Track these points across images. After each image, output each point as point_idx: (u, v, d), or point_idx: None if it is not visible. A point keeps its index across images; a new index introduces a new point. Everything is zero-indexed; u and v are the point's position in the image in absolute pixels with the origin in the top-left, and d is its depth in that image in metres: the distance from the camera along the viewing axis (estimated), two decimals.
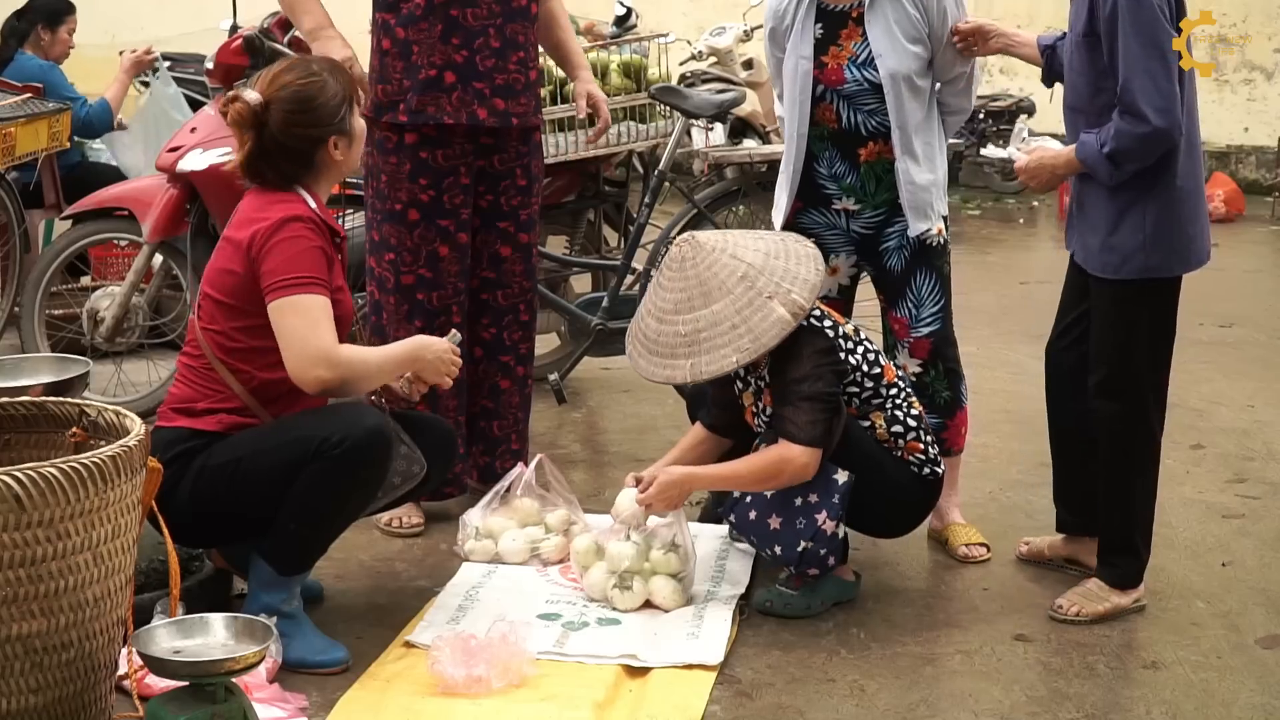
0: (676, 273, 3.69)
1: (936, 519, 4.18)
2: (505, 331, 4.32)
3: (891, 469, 3.73)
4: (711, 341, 3.60)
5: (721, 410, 3.93)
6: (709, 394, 3.97)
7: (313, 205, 3.42)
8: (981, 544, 4.16)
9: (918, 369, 4.15)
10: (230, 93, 3.52)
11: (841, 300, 4.23)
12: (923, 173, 4.01)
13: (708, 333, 3.61)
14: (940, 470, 3.83)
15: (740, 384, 3.85)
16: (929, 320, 4.13)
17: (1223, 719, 3.23)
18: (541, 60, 5.19)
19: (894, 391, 3.76)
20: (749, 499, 3.69)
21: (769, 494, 3.64)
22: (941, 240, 4.12)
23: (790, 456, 3.55)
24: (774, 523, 3.65)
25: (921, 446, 3.77)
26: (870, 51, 3.95)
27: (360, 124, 3.54)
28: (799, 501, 3.61)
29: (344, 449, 3.25)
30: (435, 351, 3.51)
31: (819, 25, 4.00)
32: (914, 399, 3.84)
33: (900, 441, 3.75)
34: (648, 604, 3.67)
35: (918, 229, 4.04)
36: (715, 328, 3.61)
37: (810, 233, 4.10)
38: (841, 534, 3.64)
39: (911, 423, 3.77)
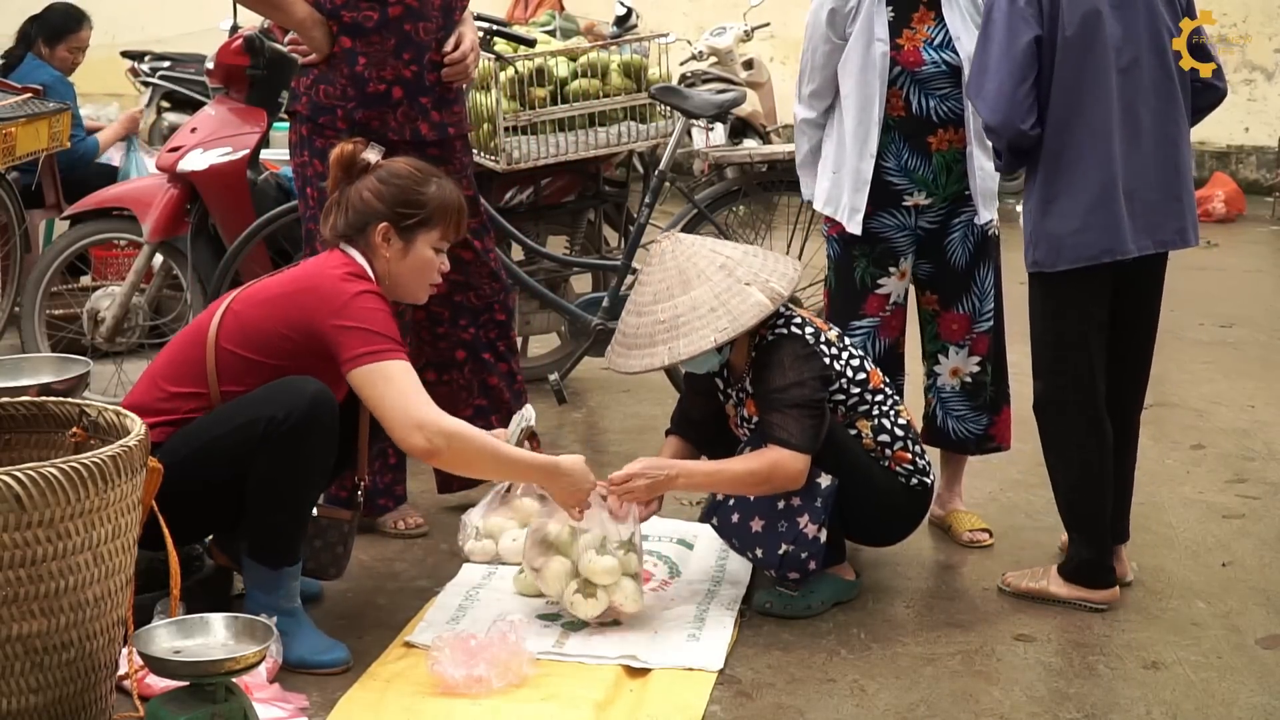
0: (656, 266, 3.70)
1: (938, 506, 4.20)
2: (482, 330, 4.32)
3: (879, 477, 3.71)
4: (690, 325, 3.59)
5: (691, 424, 3.92)
6: (682, 408, 3.96)
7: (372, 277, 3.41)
8: (984, 529, 4.19)
9: (975, 368, 4.16)
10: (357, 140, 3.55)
11: (904, 307, 4.21)
12: (987, 160, 4.01)
13: (686, 316, 3.60)
14: (930, 481, 3.81)
15: (721, 395, 3.84)
16: (988, 315, 4.15)
17: (1223, 719, 3.23)
18: (540, 61, 5.23)
19: (880, 398, 3.75)
20: (732, 501, 3.68)
21: (752, 496, 3.63)
22: (997, 231, 4.15)
23: (783, 461, 3.52)
24: (756, 525, 3.63)
25: (909, 456, 3.75)
26: (946, 34, 3.97)
27: (427, 255, 3.48)
28: (782, 505, 3.60)
29: (291, 423, 3.19)
30: (574, 477, 3.47)
31: (889, 9, 4.00)
32: (901, 407, 3.82)
33: (888, 451, 3.73)
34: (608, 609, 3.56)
35: (985, 217, 4.06)
36: (694, 311, 3.59)
37: (881, 237, 4.08)
38: (824, 538, 3.61)
39: (899, 431, 3.75)
